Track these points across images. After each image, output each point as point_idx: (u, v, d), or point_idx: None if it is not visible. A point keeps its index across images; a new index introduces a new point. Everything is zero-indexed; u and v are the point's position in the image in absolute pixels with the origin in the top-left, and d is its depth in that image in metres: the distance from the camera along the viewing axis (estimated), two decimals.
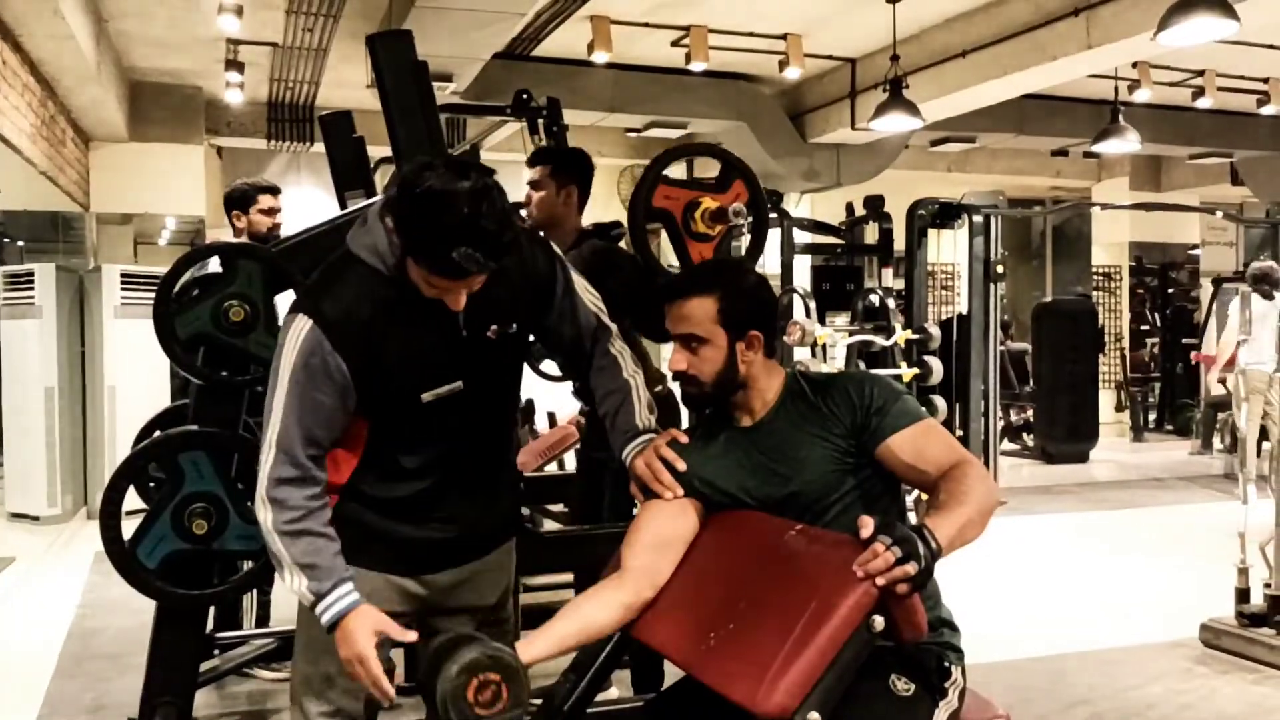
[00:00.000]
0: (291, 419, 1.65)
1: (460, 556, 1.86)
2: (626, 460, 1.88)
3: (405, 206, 1.60)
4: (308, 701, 1.82)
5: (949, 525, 1.56)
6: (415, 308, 1.68)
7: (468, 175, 1.58)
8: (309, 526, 1.66)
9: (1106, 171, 11.25)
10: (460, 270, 1.59)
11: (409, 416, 1.73)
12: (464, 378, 1.74)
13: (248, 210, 3.70)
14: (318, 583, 1.65)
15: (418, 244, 1.60)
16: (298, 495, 1.66)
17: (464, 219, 1.55)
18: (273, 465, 1.65)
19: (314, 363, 1.64)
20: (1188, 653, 3.90)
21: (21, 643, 4.17)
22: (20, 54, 5.50)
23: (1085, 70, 6.74)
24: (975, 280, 6.92)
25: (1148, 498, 7.32)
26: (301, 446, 1.66)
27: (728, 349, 1.79)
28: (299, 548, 1.65)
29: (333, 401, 1.66)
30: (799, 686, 1.48)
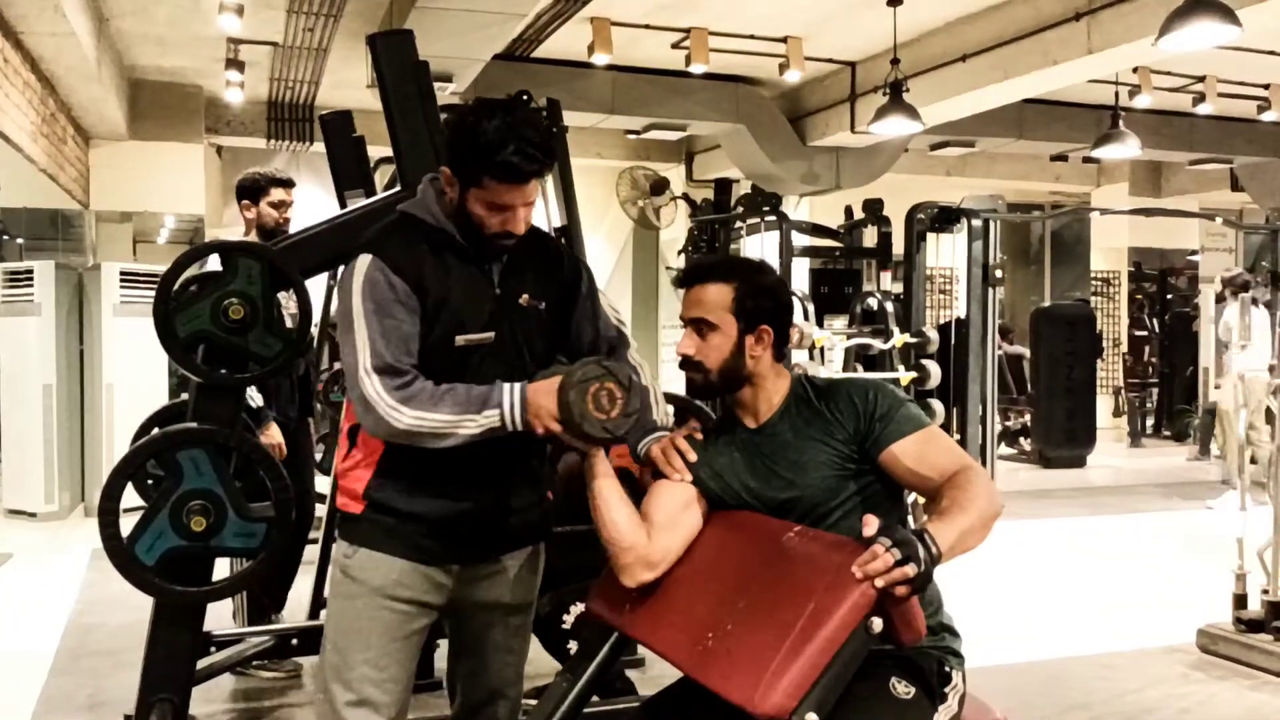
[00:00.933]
0: (378, 341, 1.73)
1: (485, 545, 1.88)
2: (642, 451, 1.91)
3: (454, 139, 1.76)
4: (335, 690, 1.83)
5: (950, 531, 1.56)
6: (458, 258, 1.81)
7: (502, 101, 1.79)
8: (442, 390, 1.73)
9: (1106, 177, 11.27)
10: (516, 170, 1.72)
11: (442, 364, 1.78)
12: (496, 331, 1.82)
13: (258, 201, 3.59)
14: (485, 403, 1.72)
15: (474, 158, 1.73)
16: (416, 385, 1.73)
17: (507, 122, 1.72)
18: (381, 385, 1.71)
19: (380, 289, 1.75)
20: (1185, 658, 3.90)
21: (18, 639, 4.17)
22: (21, 51, 5.50)
23: (1086, 75, 6.75)
24: (973, 285, 6.93)
25: (1145, 503, 7.32)
26: (396, 358, 1.73)
27: (737, 339, 1.81)
28: (450, 402, 1.71)
29: (407, 321, 1.75)
30: (796, 687, 1.48)
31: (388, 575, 1.81)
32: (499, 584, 1.92)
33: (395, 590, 1.82)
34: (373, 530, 1.83)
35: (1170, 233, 11.21)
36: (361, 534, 1.84)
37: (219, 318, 2.34)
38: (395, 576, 1.81)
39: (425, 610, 1.85)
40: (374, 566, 1.82)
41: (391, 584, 1.81)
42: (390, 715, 1.84)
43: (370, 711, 1.82)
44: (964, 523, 1.59)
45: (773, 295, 1.85)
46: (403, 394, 1.72)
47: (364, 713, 1.81)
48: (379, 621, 1.81)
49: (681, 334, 1.87)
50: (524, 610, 1.98)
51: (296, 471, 3.42)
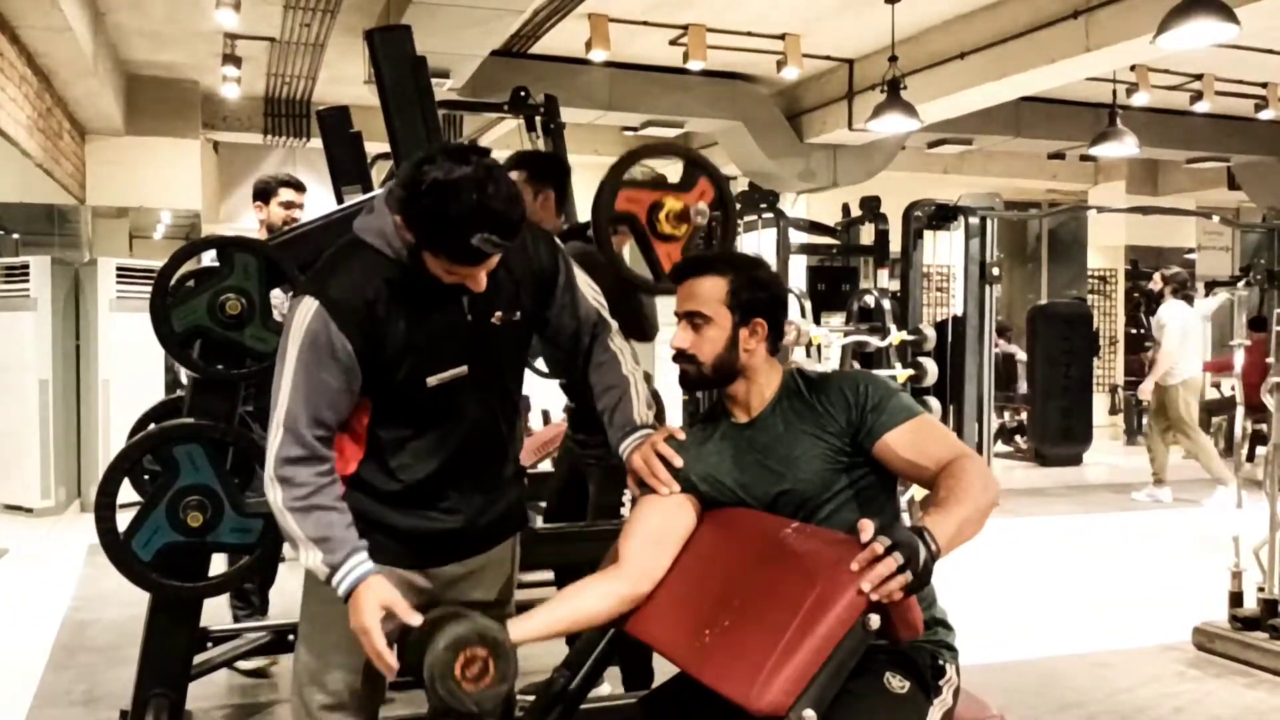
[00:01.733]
0: (299, 399, 1.65)
1: (464, 549, 1.86)
2: (624, 455, 1.88)
3: (413, 204, 1.60)
4: (309, 692, 1.82)
5: (947, 525, 1.55)
6: (421, 292, 1.69)
7: (468, 160, 1.59)
8: (318, 502, 1.67)
9: (1103, 175, 11.28)
10: (480, 255, 1.62)
11: (414, 401, 1.74)
12: (469, 363, 1.75)
13: (268, 202, 3.76)
14: (331, 555, 1.65)
15: (433, 238, 1.62)
16: (306, 473, 1.66)
17: (475, 205, 1.57)
18: (280, 445, 1.66)
19: (320, 343, 1.65)
20: (1180, 656, 3.91)
21: (14, 635, 4.16)
22: (17, 46, 5.49)
23: (1083, 73, 6.75)
24: (970, 282, 6.93)
25: (1141, 501, 7.33)
26: (308, 426, 1.66)
27: (731, 332, 1.79)
28: (310, 523, 1.66)
29: (338, 382, 1.67)
30: (793, 684, 1.47)
31: None
32: (477, 583, 1.89)
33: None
34: None
35: (1167, 231, 11.22)
36: None
37: (215, 313, 2.34)
38: None
39: None
40: None
41: None
42: (366, 717, 1.83)
43: (346, 715, 1.80)
44: (961, 514, 1.58)
45: (767, 288, 1.84)
46: (289, 471, 1.66)
47: (339, 716, 1.80)
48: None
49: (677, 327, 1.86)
50: (503, 605, 1.96)
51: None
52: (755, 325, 1.81)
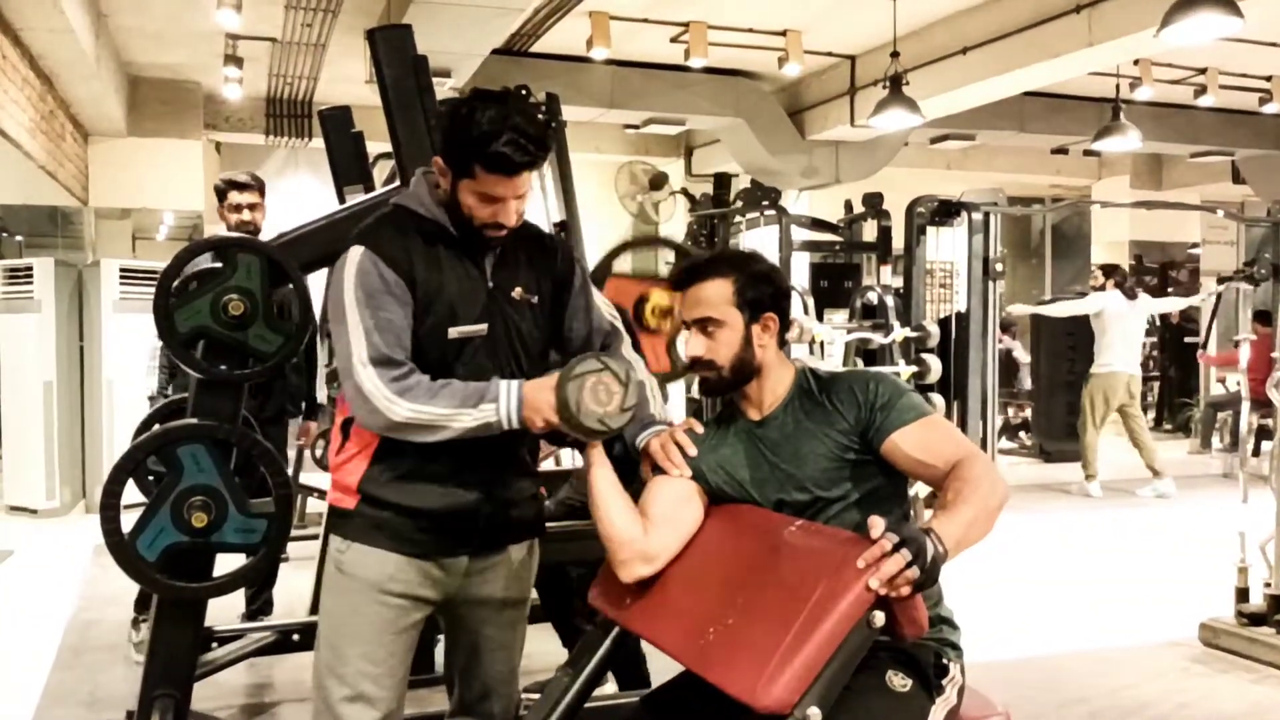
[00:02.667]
0: (371, 333, 1.71)
1: (479, 540, 1.87)
2: (640, 445, 1.90)
3: (449, 127, 1.74)
4: (329, 685, 1.83)
5: (955, 527, 1.55)
6: (450, 250, 1.80)
7: (497, 92, 1.77)
8: (440, 384, 1.72)
9: (1107, 169, 11.24)
10: (509, 161, 1.70)
11: (435, 356, 1.78)
12: (489, 323, 1.81)
13: (222, 204, 3.76)
14: (482, 399, 1.71)
15: (466, 148, 1.71)
16: (413, 378, 1.72)
17: (501, 113, 1.70)
18: (378, 377, 1.71)
19: (371, 281, 1.73)
20: (1187, 652, 3.90)
21: (20, 635, 4.17)
22: (20, 48, 5.49)
23: (1086, 67, 6.73)
24: (974, 278, 6.92)
25: (1146, 496, 7.31)
26: (390, 350, 1.72)
27: (744, 331, 1.80)
28: (445, 397, 1.71)
29: (400, 315, 1.74)
30: (798, 681, 1.47)
31: (382, 569, 1.81)
32: (493, 579, 1.91)
33: (389, 584, 1.81)
34: (366, 524, 1.82)
35: (1171, 226, 11.18)
36: (355, 528, 1.83)
37: (219, 313, 2.34)
38: (389, 571, 1.80)
39: (420, 604, 1.85)
40: (368, 561, 1.82)
41: (385, 578, 1.81)
42: (386, 710, 1.83)
43: (366, 706, 1.81)
44: (968, 515, 1.59)
45: (771, 282, 1.85)
46: (399, 385, 1.71)
47: (359, 708, 1.81)
48: (374, 616, 1.81)
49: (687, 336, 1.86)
50: (518, 606, 1.98)
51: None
52: (766, 321, 1.82)
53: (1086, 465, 7.39)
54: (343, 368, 1.74)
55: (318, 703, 1.85)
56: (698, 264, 1.87)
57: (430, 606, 1.88)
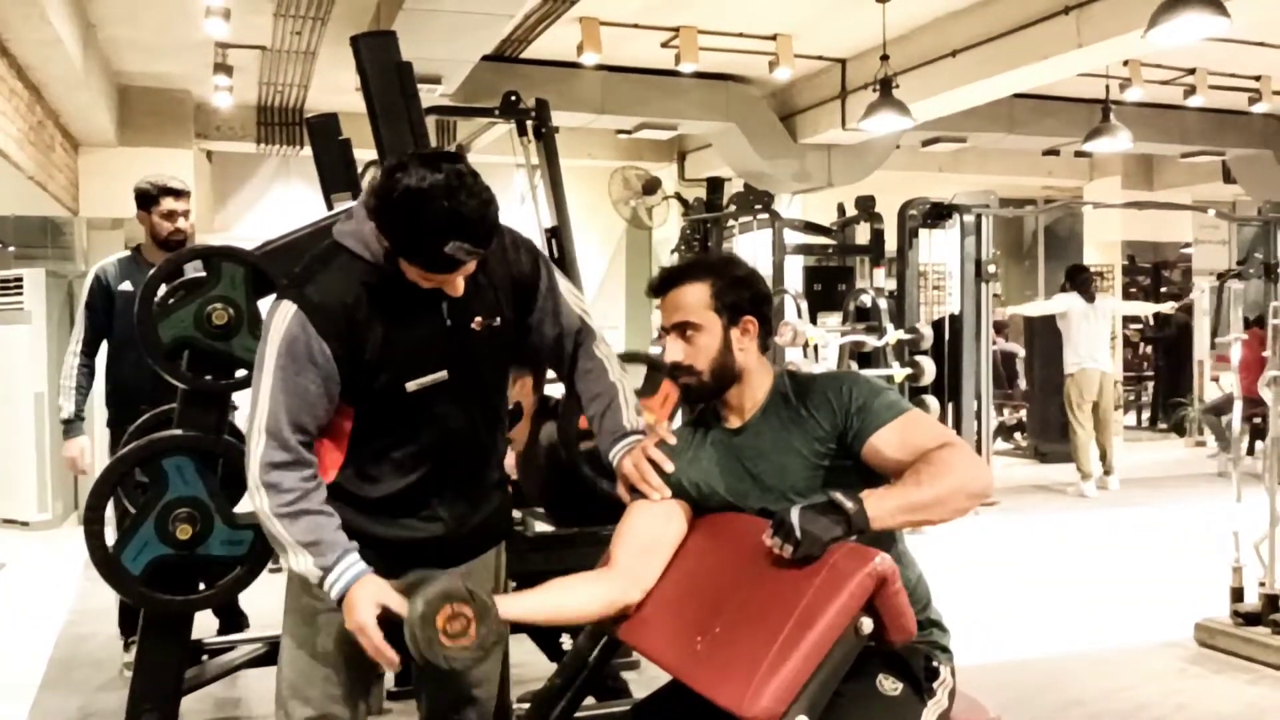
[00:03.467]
0: (279, 404, 1.65)
1: (447, 557, 1.84)
2: (614, 461, 1.87)
3: (386, 212, 1.61)
4: (292, 705, 1.80)
5: (888, 502, 1.58)
6: (400, 296, 1.69)
7: (439, 168, 1.59)
8: (306, 506, 1.66)
9: (1098, 171, 11.26)
10: (454, 263, 1.62)
11: (394, 407, 1.72)
12: (449, 368, 1.74)
13: (149, 210, 3.56)
14: (322, 558, 1.65)
15: (407, 246, 1.62)
16: (292, 478, 1.65)
17: (446, 212, 1.56)
18: (264, 451, 1.65)
19: (298, 348, 1.64)
20: (1182, 652, 3.89)
21: (10, 650, 4.14)
22: (7, 59, 5.47)
23: (1076, 69, 6.73)
24: (967, 280, 6.91)
25: (1141, 496, 7.31)
26: (290, 431, 1.65)
27: (723, 335, 1.78)
28: (299, 528, 1.65)
29: (317, 387, 1.66)
30: (786, 691, 1.46)
31: None
32: None
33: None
34: None
35: (1163, 226, 11.21)
36: None
37: (202, 323, 2.33)
38: None
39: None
40: None
41: None
42: None
43: None
44: (915, 496, 1.59)
45: (750, 285, 1.83)
46: (275, 476, 1.65)
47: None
48: (337, 635, 1.76)
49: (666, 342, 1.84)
50: None
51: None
52: (745, 324, 1.80)
53: (1079, 465, 7.45)
54: (246, 424, 1.69)
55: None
56: (674, 270, 1.85)
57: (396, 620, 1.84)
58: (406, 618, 1.53)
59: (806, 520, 1.54)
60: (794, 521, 1.54)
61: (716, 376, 1.79)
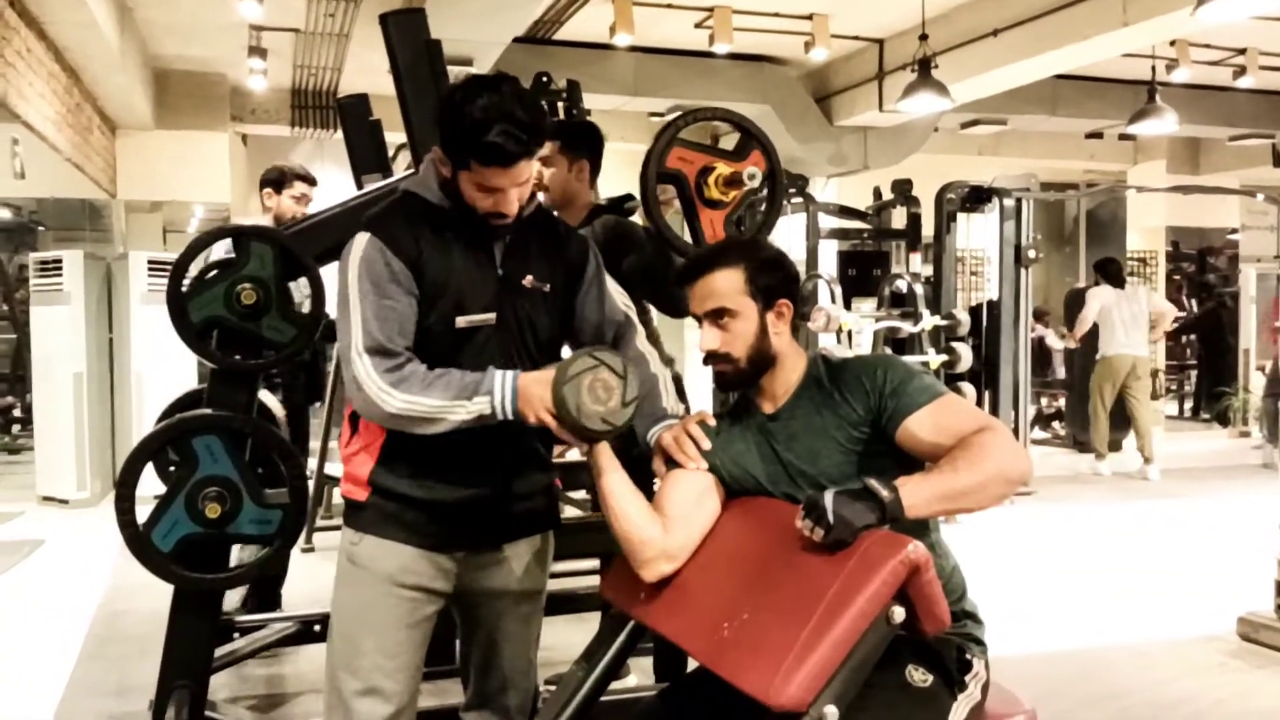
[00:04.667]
0: (370, 323, 1.69)
1: (494, 527, 1.85)
2: (651, 440, 1.87)
3: (444, 114, 1.71)
4: (341, 678, 1.81)
5: (924, 490, 1.54)
6: (460, 238, 1.77)
7: (490, 78, 1.73)
8: (435, 376, 1.70)
9: (1143, 154, 11.03)
10: (502, 152, 1.66)
11: (442, 344, 1.75)
12: (498, 312, 1.78)
13: (280, 191, 3.69)
14: (478, 390, 1.68)
15: (459, 140, 1.69)
16: (409, 367, 1.70)
17: (493, 102, 1.66)
18: (372, 367, 1.69)
19: (378, 269, 1.71)
20: (1223, 646, 3.80)
21: (49, 625, 4.21)
22: (45, 41, 5.53)
23: (1121, 49, 6.58)
24: (1006, 266, 6.80)
25: (1183, 487, 7.18)
26: (390, 341, 1.70)
27: (759, 320, 1.76)
28: (441, 388, 1.68)
29: (403, 303, 1.72)
30: (814, 679, 1.43)
31: (395, 562, 1.79)
32: (507, 571, 1.89)
33: (403, 577, 1.80)
34: (378, 516, 1.80)
35: (1209, 211, 10.95)
36: (367, 521, 1.82)
37: (232, 303, 2.32)
38: (402, 563, 1.79)
39: (433, 597, 1.83)
40: (380, 553, 1.80)
41: (399, 570, 1.79)
42: (399, 704, 1.81)
43: (379, 700, 1.79)
44: (953, 483, 1.55)
45: (781, 267, 1.81)
46: (394, 376, 1.69)
47: (372, 702, 1.79)
48: (387, 609, 1.79)
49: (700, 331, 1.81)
50: (533, 598, 1.96)
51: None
52: (780, 308, 1.77)
53: (1096, 446, 7.58)
54: (343, 356, 1.73)
55: (330, 696, 1.84)
56: (703, 255, 1.83)
57: (444, 599, 1.86)
58: (554, 397, 1.64)
59: (840, 504, 1.51)
60: (827, 505, 1.51)
61: (753, 362, 1.77)
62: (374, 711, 1.79)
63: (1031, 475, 1.63)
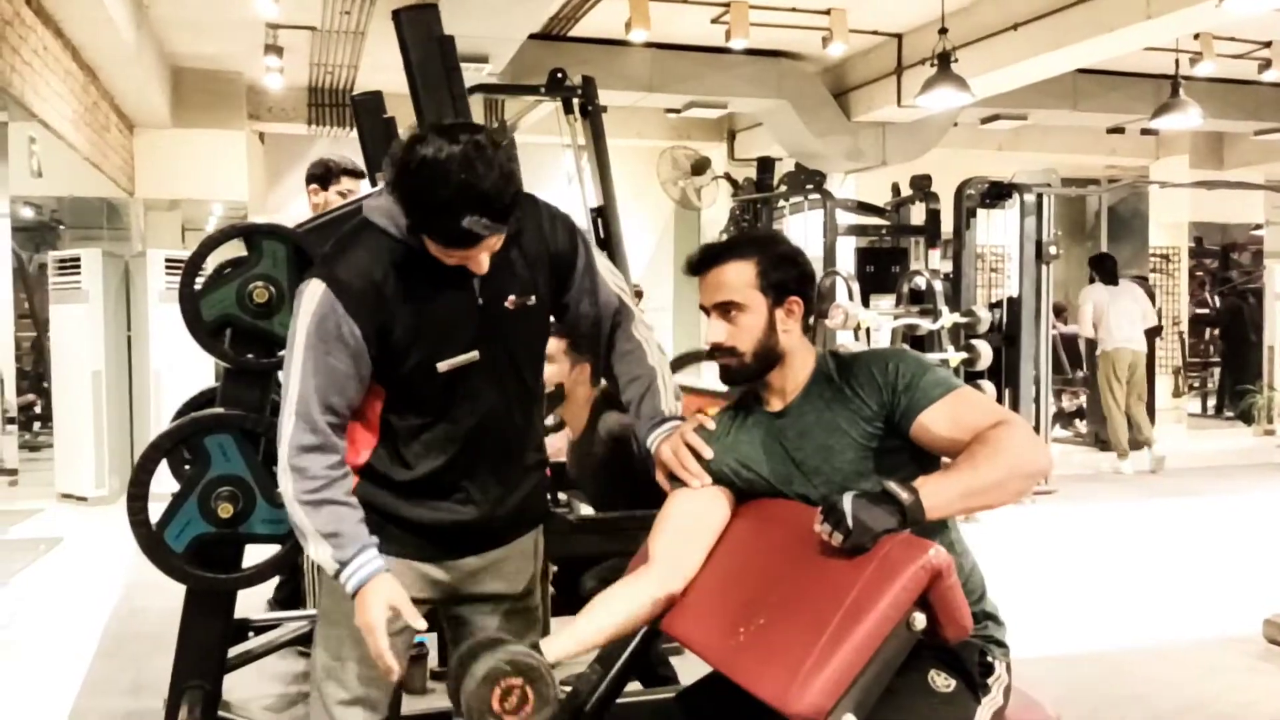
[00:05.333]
0: (309, 385, 1.62)
1: (482, 541, 1.80)
2: (652, 447, 1.82)
3: (403, 184, 1.55)
4: (326, 687, 1.78)
5: (945, 489, 1.51)
6: (430, 275, 1.64)
7: (457, 139, 1.52)
8: (331, 495, 1.64)
9: (1165, 149, 10.89)
10: (472, 237, 1.55)
11: (425, 388, 1.69)
12: (481, 348, 1.69)
13: (326, 187, 3.60)
14: (340, 550, 1.63)
15: (424, 220, 1.57)
16: (319, 464, 1.63)
17: (461, 185, 1.50)
18: (293, 432, 1.63)
19: (327, 327, 1.61)
20: (1250, 648, 3.75)
21: (66, 622, 4.23)
22: (61, 39, 5.54)
23: (1144, 42, 6.48)
24: (1026, 262, 6.73)
25: (1206, 486, 7.08)
26: (320, 413, 1.63)
27: (768, 316, 1.71)
28: (321, 517, 1.63)
29: (347, 367, 1.63)
30: (833, 686, 1.39)
31: None
32: (497, 575, 1.84)
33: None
34: None
35: (1233, 206, 10.80)
36: None
37: (244, 301, 2.30)
38: None
39: (419, 605, 1.75)
40: None
41: None
42: (384, 713, 1.79)
43: (365, 710, 1.77)
44: (973, 481, 1.51)
45: (795, 263, 1.75)
46: (301, 460, 1.63)
47: (358, 711, 1.76)
48: None
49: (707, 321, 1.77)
50: (524, 596, 1.89)
51: None
52: (791, 304, 1.73)
53: (1116, 444, 7.50)
54: (280, 404, 1.67)
55: (315, 705, 1.81)
56: (715, 247, 1.77)
57: (429, 605, 1.81)
58: (463, 713, 1.47)
59: (859, 508, 1.47)
60: (846, 508, 1.47)
61: (759, 358, 1.72)
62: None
63: (1052, 469, 1.59)
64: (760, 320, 1.71)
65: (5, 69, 4.52)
